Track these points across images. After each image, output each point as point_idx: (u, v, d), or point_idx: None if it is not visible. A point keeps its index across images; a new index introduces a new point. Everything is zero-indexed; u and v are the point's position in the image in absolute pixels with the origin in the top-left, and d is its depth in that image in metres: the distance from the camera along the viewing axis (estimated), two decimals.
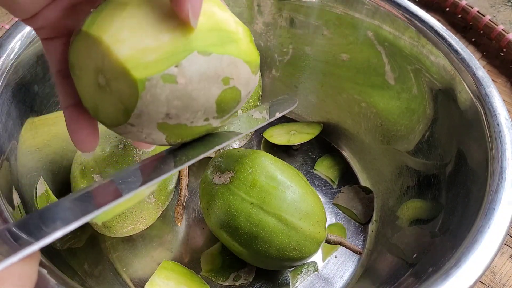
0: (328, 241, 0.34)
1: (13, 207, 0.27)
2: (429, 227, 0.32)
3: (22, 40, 0.31)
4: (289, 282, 0.36)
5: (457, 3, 0.56)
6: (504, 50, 0.53)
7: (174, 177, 0.38)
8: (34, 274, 0.17)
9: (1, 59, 0.29)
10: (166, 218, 0.39)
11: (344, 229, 0.40)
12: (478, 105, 0.31)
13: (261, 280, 0.36)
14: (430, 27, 0.35)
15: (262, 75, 0.46)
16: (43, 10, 0.20)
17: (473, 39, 0.55)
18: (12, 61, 0.30)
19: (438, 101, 0.35)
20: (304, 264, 0.37)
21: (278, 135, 0.45)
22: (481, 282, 0.37)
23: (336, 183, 0.43)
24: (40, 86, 0.33)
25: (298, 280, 0.36)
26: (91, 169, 0.33)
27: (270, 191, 0.31)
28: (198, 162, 0.22)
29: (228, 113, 0.22)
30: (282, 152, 0.45)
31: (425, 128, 0.36)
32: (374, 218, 0.40)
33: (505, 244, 0.39)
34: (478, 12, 0.54)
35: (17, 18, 0.20)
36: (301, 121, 0.48)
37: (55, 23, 0.21)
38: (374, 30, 0.38)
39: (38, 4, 0.19)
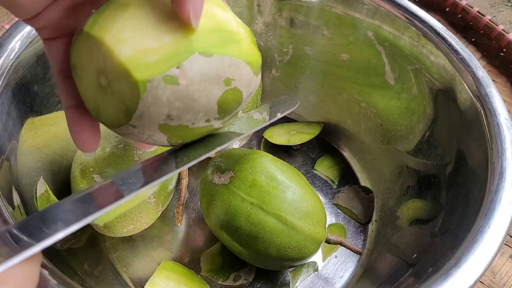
0: (328, 241, 0.34)
1: (13, 207, 0.27)
2: (429, 227, 0.32)
3: (22, 40, 0.31)
4: (289, 282, 0.36)
5: (457, 3, 0.56)
6: (504, 50, 0.53)
7: (174, 177, 0.38)
8: (36, 275, 0.17)
9: (1, 59, 0.29)
10: (166, 218, 0.39)
11: (344, 229, 0.40)
12: (478, 105, 0.31)
13: (261, 280, 0.36)
14: (430, 27, 0.35)
15: (262, 75, 0.46)
16: (45, 10, 0.20)
17: (473, 39, 0.55)
18: (12, 61, 0.30)
19: (438, 101, 0.35)
20: (304, 264, 0.37)
21: (278, 135, 0.45)
22: (481, 282, 0.37)
23: (336, 183, 0.43)
24: (40, 86, 0.33)
25: (298, 280, 0.36)
26: (91, 169, 0.33)
27: (270, 191, 0.31)
28: (198, 162, 0.22)
29: (230, 114, 0.22)
30: (282, 152, 0.45)
31: (425, 128, 0.36)
32: (374, 218, 0.40)
33: (505, 244, 0.39)
34: (478, 12, 0.54)
35: (19, 18, 0.20)
36: (301, 121, 0.48)
37: (57, 23, 0.21)
38: (374, 30, 0.38)
39: (40, 4, 0.19)
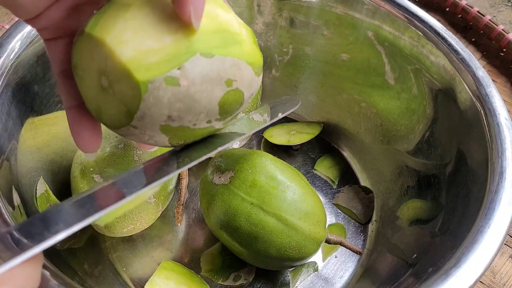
0: (328, 241, 0.34)
1: (13, 207, 0.27)
2: (429, 227, 0.32)
3: (22, 40, 0.31)
4: (289, 282, 0.36)
5: (457, 3, 0.56)
6: (504, 50, 0.53)
7: (174, 177, 0.38)
8: (37, 276, 0.17)
9: (1, 59, 0.29)
10: (166, 218, 0.39)
11: (344, 229, 0.40)
12: (478, 105, 0.31)
13: (261, 280, 0.36)
14: (430, 27, 0.35)
15: (262, 75, 0.46)
16: (46, 11, 0.20)
17: (473, 39, 0.55)
18: (12, 61, 0.30)
19: (438, 101, 0.35)
20: (304, 264, 0.37)
21: (278, 135, 0.45)
22: (481, 282, 0.37)
23: (336, 183, 0.43)
24: (40, 86, 0.33)
25: (298, 280, 0.36)
26: (91, 169, 0.33)
27: (270, 191, 0.31)
28: (199, 162, 0.22)
29: (231, 115, 0.22)
30: (282, 152, 0.45)
31: (425, 128, 0.36)
32: (374, 218, 0.40)
33: (505, 244, 0.39)
34: (478, 12, 0.54)
35: (20, 19, 0.20)
36: (301, 121, 0.48)
37: (58, 24, 0.21)
38: (374, 30, 0.38)
39: (41, 5, 0.19)
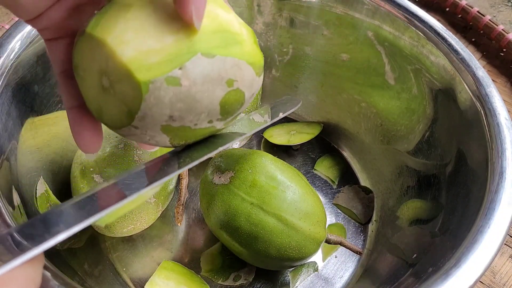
0: (328, 241, 0.34)
1: (13, 207, 0.27)
2: (429, 227, 0.32)
3: (22, 40, 0.31)
4: (289, 282, 0.36)
5: (457, 3, 0.56)
6: (504, 50, 0.53)
7: (174, 177, 0.38)
8: (38, 277, 0.17)
9: (1, 59, 0.29)
10: (166, 218, 0.39)
11: (344, 229, 0.40)
12: (478, 105, 0.31)
13: (261, 280, 0.36)
14: (430, 27, 0.35)
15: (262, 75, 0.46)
16: (47, 11, 0.20)
17: (473, 39, 0.55)
18: (12, 61, 0.30)
19: (438, 101, 0.35)
20: (304, 264, 0.37)
21: (278, 135, 0.45)
22: (481, 282, 0.37)
23: (336, 183, 0.43)
24: (40, 86, 0.33)
25: (298, 280, 0.36)
26: (91, 169, 0.33)
27: (270, 191, 0.31)
28: (199, 162, 0.22)
29: (232, 115, 0.22)
30: (282, 152, 0.45)
31: (425, 128, 0.36)
32: (374, 218, 0.40)
33: (505, 244, 0.39)
34: (478, 12, 0.54)
35: (21, 19, 0.20)
36: (301, 121, 0.48)
37: (59, 24, 0.21)
38: (374, 30, 0.38)
39: (42, 5, 0.19)
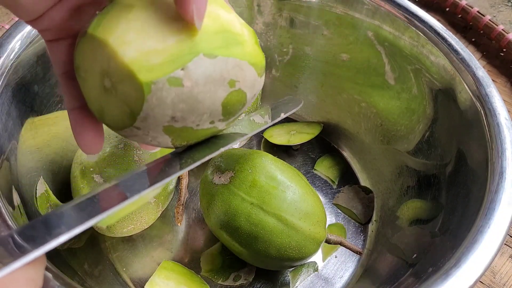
0: (328, 241, 0.34)
1: (13, 207, 0.27)
2: (429, 227, 0.32)
3: (22, 40, 0.31)
4: (289, 282, 0.36)
5: (457, 3, 0.56)
6: (504, 50, 0.53)
7: (175, 177, 0.38)
8: (40, 279, 0.17)
9: (1, 59, 0.29)
10: (166, 218, 0.39)
11: (344, 229, 0.40)
12: (478, 105, 0.31)
13: (261, 280, 0.36)
14: (430, 27, 0.35)
15: None
16: (48, 12, 0.20)
17: (473, 39, 0.55)
18: (12, 61, 0.30)
19: (438, 101, 0.35)
20: (304, 264, 0.37)
21: (278, 135, 0.45)
22: (481, 282, 0.37)
23: (336, 183, 0.43)
24: (40, 86, 0.33)
25: (298, 280, 0.36)
26: (91, 169, 0.33)
27: (270, 191, 0.31)
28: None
29: (234, 116, 0.22)
30: (282, 152, 0.45)
31: (425, 128, 0.36)
32: (374, 218, 0.40)
33: (505, 244, 0.39)
34: (478, 12, 0.54)
35: (22, 20, 0.20)
36: (301, 121, 0.48)
37: (60, 25, 0.20)
38: (374, 30, 0.38)
39: (43, 6, 0.19)
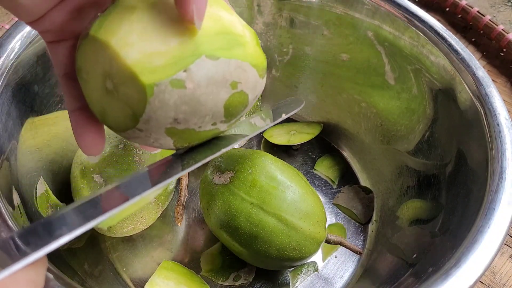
0: (328, 241, 0.34)
1: (13, 207, 0.27)
2: (429, 227, 0.32)
3: (22, 40, 0.31)
4: (289, 282, 0.36)
5: (457, 3, 0.56)
6: (504, 50, 0.53)
7: None
8: (41, 280, 0.17)
9: (1, 59, 0.29)
10: (166, 218, 0.39)
11: (344, 229, 0.40)
12: (478, 105, 0.31)
13: (261, 280, 0.36)
14: (430, 27, 0.35)
15: None
16: (49, 13, 0.20)
17: (473, 39, 0.55)
18: (12, 61, 0.30)
19: (438, 101, 0.35)
20: (304, 264, 0.37)
21: (278, 135, 0.45)
22: (481, 282, 0.37)
23: (336, 183, 0.43)
24: (40, 86, 0.33)
25: (298, 280, 0.36)
26: (91, 169, 0.33)
27: (270, 191, 0.31)
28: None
29: (236, 117, 0.22)
30: (282, 152, 0.45)
31: (425, 128, 0.36)
32: (374, 218, 0.40)
33: (505, 244, 0.39)
34: (478, 12, 0.54)
35: (23, 21, 0.20)
36: (301, 121, 0.48)
37: (61, 26, 0.20)
38: (374, 30, 0.38)
39: (43, 7, 0.19)
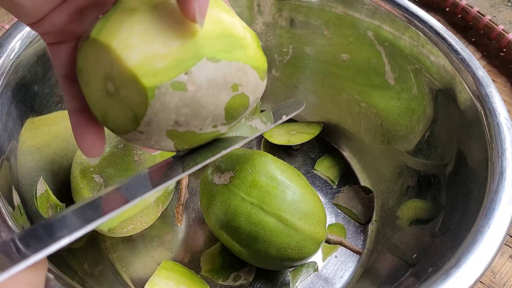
0: (328, 241, 0.34)
1: (13, 207, 0.27)
2: (429, 227, 0.32)
3: (22, 40, 0.31)
4: (289, 282, 0.36)
5: (457, 3, 0.56)
6: (504, 50, 0.53)
7: None
8: (41, 282, 0.17)
9: (1, 59, 0.29)
10: (166, 218, 0.39)
11: (344, 229, 0.40)
12: (478, 105, 0.31)
13: (261, 280, 0.36)
14: (430, 27, 0.35)
15: None
16: (49, 15, 0.19)
17: (473, 39, 0.55)
18: (12, 61, 0.30)
19: (438, 101, 0.35)
20: (304, 264, 0.37)
21: (278, 135, 0.45)
22: (481, 282, 0.37)
23: (336, 183, 0.43)
24: (40, 86, 0.33)
25: (298, 280, 0.36)
26: (91, 169, 0.33)
27: (270, 191, 0.31)
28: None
29: (236, 119, 0.22)
30: (282, 152, 0.45)
31: (425, 128, 0.36)
32: (374, 218, 0.40)
33: (505, 244, 0.39)
34: (478, 12, 0.54)
35: (23, 23, 0.20)
36: (301, 121, 0.48)
37: (62, 28, 0.20)
38: (374, 30, 0.38)
39: (44, 9, 0.19)
